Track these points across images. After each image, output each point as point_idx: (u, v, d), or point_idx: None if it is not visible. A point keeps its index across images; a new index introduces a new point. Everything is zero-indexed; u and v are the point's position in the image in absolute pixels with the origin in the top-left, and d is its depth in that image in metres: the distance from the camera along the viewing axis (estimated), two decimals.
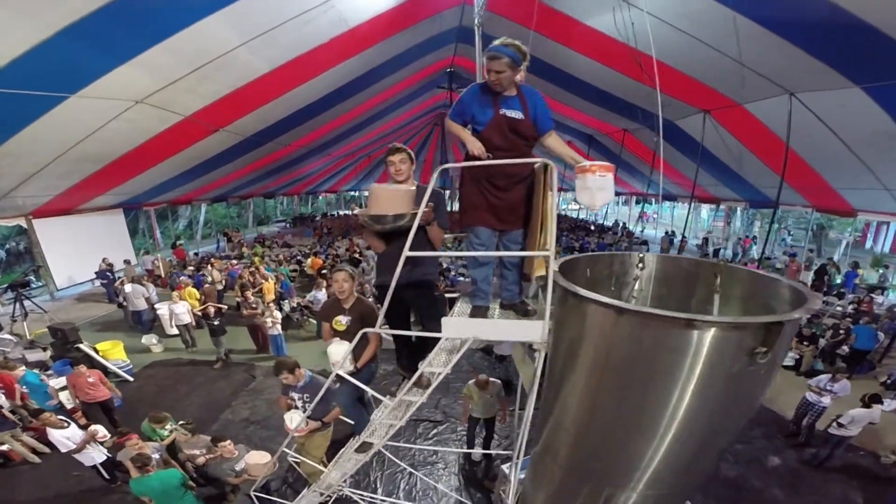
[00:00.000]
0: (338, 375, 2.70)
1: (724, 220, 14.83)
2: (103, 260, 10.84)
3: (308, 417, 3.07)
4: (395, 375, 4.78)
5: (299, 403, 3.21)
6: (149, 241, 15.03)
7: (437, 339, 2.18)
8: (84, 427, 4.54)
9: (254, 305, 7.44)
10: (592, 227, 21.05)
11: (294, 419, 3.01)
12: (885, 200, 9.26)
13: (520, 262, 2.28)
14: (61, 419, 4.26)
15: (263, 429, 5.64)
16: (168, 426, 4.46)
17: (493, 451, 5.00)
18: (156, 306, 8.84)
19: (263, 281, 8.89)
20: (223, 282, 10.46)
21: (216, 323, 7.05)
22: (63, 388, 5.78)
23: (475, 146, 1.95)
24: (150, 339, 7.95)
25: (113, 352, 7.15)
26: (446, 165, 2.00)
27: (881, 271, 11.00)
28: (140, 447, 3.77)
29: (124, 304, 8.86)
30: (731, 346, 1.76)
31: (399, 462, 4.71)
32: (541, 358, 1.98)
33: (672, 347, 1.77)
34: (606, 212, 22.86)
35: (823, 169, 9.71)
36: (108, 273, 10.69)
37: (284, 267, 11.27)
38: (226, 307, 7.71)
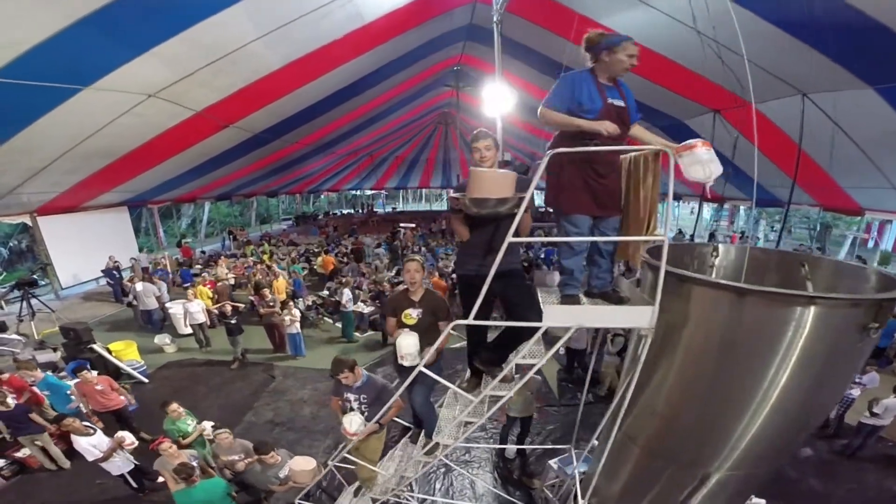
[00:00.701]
0: (402, 367, 2.59)
1: (728, 219, 14.92)
2: (110, 258, 10.51)
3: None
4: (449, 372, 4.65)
5: (355, 405, 3.01)
6: (152, 240, 14.67)
7: (523, 332, 2.09)
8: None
9: (271, 304, 7.24)
10: None
11: (354, 422, 2.84)
12: (892, 198, 9.36)
13: (613, 249, 2.21)
14: (87, 426, 4.02)
15: (289, 431, 5.45)
16: (190, 421, 4.22)
17: (549, 446, 4.84)
18: (168, 305, 8.59)
19: (274, 278, 8.68)
20: (232, 279, 10.24)
21: (233, 322, 6.84)
22: None
23: (607, 126, 1.87)
24: (163, 339, 7.70)
25: (126, 352, 6.91)
26: (560, 150, 1.80)
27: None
28: (177, 455, 3.56)
29: (134, 302, 8.58)
30: (846, 323, 1.80)
31: (446, 460, 4.56)
32: (647, 344, 1.90)
33: (789, 325, 1.77)
34: None
35: (833, 168, 9.77)
36: (114, 272, 10.36)
37: (298, 265, 11.04)
38: (243, 305, 7.48)
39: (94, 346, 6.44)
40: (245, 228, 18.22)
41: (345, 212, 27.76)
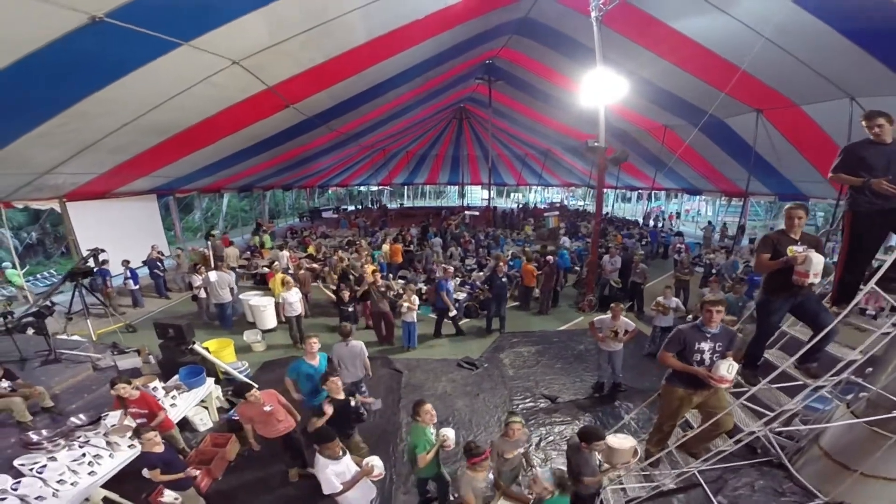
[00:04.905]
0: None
1: (745, 214, 15.53)
2: (153, 248, 8.98)
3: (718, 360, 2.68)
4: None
5: (707, 355, 2.68)
6: (169, 233, 12.92)
7: None
8: None
9: (383, 288, 6.37)
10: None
11: (733, 367, 2.54)
12: None
13: None
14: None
15: (460, 428, 4.53)
16: (431, 429, 3.28)
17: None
18: (243, 297, 7.42)
19: (367, 264, 7.76)
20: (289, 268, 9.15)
21: (350, 310, 5.92)
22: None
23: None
24: (253, 336, 6.58)
25: (225, 353, 5.78)
26: None
27: None
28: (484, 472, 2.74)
29: (202, 295, 7.33)
30: None
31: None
32: None
33: None
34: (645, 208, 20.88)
35: None
36: (158, 262, 8.86)
37: (380, 250, 10.04)
38: (360, 291, 6.49)
39: (195, 347, 5.31)
40: (273, 221, 16.60)
41: (360, 207, 26.31)
